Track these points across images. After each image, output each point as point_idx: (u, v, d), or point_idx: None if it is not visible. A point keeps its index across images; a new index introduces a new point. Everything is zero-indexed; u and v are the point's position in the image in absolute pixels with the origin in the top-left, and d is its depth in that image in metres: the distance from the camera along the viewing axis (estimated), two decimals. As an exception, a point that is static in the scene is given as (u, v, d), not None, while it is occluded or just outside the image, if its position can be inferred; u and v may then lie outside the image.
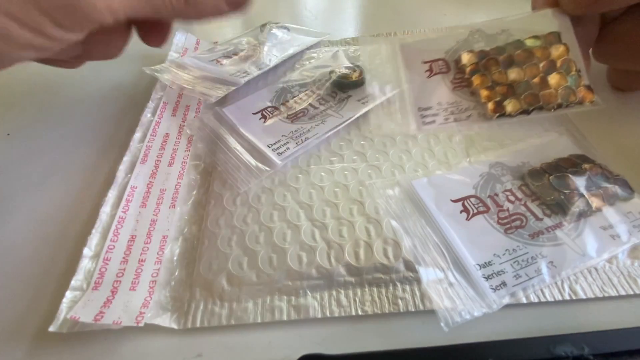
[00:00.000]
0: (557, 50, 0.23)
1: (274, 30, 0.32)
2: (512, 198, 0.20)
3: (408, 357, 0.15)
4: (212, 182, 0.22)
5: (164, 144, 0.24)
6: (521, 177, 0.21)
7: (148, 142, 0.24)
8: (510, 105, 0.22)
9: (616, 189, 0.20)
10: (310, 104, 0.26)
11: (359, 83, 0.27)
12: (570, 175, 0.20)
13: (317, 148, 0.23)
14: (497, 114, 0.22)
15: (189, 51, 0.32)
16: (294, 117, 0.25)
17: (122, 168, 0.22)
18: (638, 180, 0.20)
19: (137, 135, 0.24)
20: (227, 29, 0.38)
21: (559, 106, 0.23)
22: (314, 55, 0.31)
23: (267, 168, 0.22)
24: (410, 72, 0.24)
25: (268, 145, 0.23)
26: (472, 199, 0.20)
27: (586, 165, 0.20)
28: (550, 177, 0.20)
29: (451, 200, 0.19)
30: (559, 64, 0.23)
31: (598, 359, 0.14)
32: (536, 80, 0.23)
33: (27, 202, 0.22)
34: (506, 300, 0.16)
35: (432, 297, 0.16)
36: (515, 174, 0.21)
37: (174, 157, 0.23)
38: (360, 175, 0.21)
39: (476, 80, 0.23)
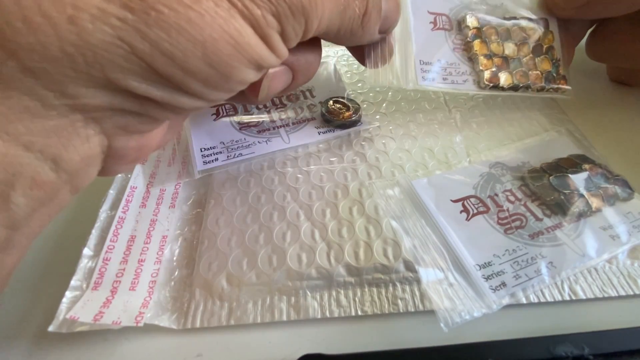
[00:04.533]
0: (545, 36, 0.25)
1: None
2: (512, 198, 0.20)
3: (408, 357, 0.15)
4: (212, 181, 0.22)
5: (163, 144, 0.24)
6: (521, 177, 0.21)
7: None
8: (504, 78, 0.23)
9: (616, 189, 0.20)
10: (270, 116, 0.24)
11: (347, 125, 0.24)
12: (570, 176, 0.20)
13: (316, 148, 0.23)
14: (492, 84, 0.23)
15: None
16: (245, 125, 0.23)
17: None
18: (638, 180, 0.20)
19: None
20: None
21: (542, 89, 0.24)
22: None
23: (185, 174, 0.21)
24: (415, 19, 0.23)
25: (201, 149, 0.22)
26: (472, 199, 0.20)
27: (586, 165, 0.20)
28: (550, 177, 0.20)
29: (451, 200, 0.19)
30: (544, 49, 0.24)
31: (598, 359, 0.14)
32: (526, 60, 0.24)
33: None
34: (506, 300, 0.16)
35: (432, 298, 0.16)
36: (515, 174, 0.21)
37: (174, 157, 0.23)
38: (360, 175, 0.21)
39: (476, 45, 0.24)
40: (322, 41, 0.32)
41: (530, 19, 0.25)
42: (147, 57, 0.10)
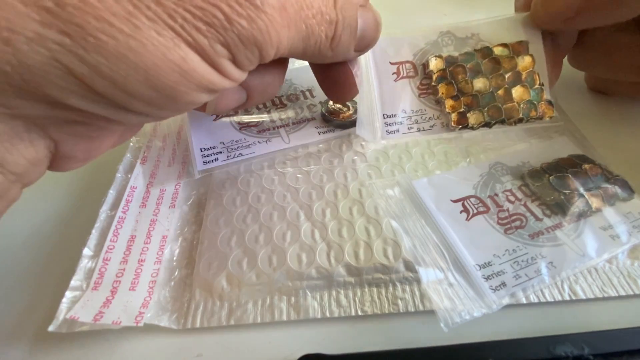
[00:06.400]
0: (523, 62, 0.22)
1: None
2: (512, 198, 0.20)
3: (408, 357, 0.15)
4: (212, 181, 0.22)
5: (164, 144, 0.24)
6: (521, 177, 0.21)
7: (148, 142, 0.23)
8: (473, 118, 0.22)
9: (616, 189, 0.20)
10: (270, 116, 0.24)
11: (347, 125, 0.24)
12: (570, 176, 0.20)
13: (316, 148, 0.23)
14: (461, 126, 0.22)
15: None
16: (245, 125, 0.24)
17: (122, 168, 0.22)
18: (638, 180, 0.20)
19: (136, 136, 0.24)
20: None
21: (520, 120, 0.22)
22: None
23: (185, 174, 0.22)
24: (378, 72, 0.23)
25: (201, 149, 0.22)
26: (472, 199, 0.20)
27: (586, 166, 0.20)
28: (550, 178, 0.20)
29: (451, 200, 0.19)
30: (524, 76, 0.22)
31: (598, 359, 0.14)
32: (500, 92, 0.22)
33: (26, 201, 0.22)
34: (506, 300, 0.16)
35: (432, 298, 0.16)
36: (515, 174, 0.21)
37: (174, 157, 0.23)
38: (360, 175, 0.21)
39: (442, 88, 0.22)
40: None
41: (505, 45, 0.23)
42: (86, 79, 0.11)
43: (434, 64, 0.23)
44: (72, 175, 0.23)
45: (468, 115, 0.22)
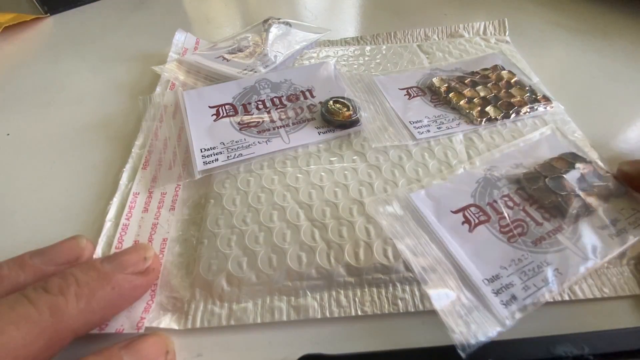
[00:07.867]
0: (506, 75, 0.28)
1: (276, 26, 0.32)
2: (510, 203, 0.20)
3: (408, 357, 0.15)
4: (212, 181, 0.22)
5: (164, 147, 0.24)
6: (517, 180, 0.21)
7: (149, 147, 0.24)
8: (492, 111, 0.25)
9: (609, 185, 0.20)
10: (270, 116, 0.24)
11: (347, 125, 0.24)
12: (565, 176, 0.20)
13: (316, 148, 0.23)
14: (485, 118, 0.24)
15: (189, 51, 0.32)
16: (245, 125, 0.24)
17: (125, 176, 0.22)
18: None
19: (138, 142, 0.24)
20: (226, 28, 0.38)
21: (532, 109, 0.25)
22: (314, 55, 0.31)
23: (186, 174, 0.22)
24: (390, 97, 0.26)
25: (201, 149, 0.22)
26: (472, 209, 0.19)
27: (579, 165, 0.20)
28: (546, 180, 0.20)
29: (451, 211, 0.19)
30: (513, 81, 0.27)
31: (598, 359, 0.14)
32: (502, 94, 0.26)
33: (27, 202, 0.22)
34: (518, 315, 0.16)
35: (449, 323, 0.15)
36: (511, 177, 0.21)
37: (174, 160, 0.23)
38: (360, 175, 0.21)
39: (454, 97, 0.26)
40: (321, 40, 0.32)
41: (486, 69, 0.28)
42: None
43: (438, 82, 0.27)
44: (75, 181, 0.23)
45: (486, 110, 0.25)
